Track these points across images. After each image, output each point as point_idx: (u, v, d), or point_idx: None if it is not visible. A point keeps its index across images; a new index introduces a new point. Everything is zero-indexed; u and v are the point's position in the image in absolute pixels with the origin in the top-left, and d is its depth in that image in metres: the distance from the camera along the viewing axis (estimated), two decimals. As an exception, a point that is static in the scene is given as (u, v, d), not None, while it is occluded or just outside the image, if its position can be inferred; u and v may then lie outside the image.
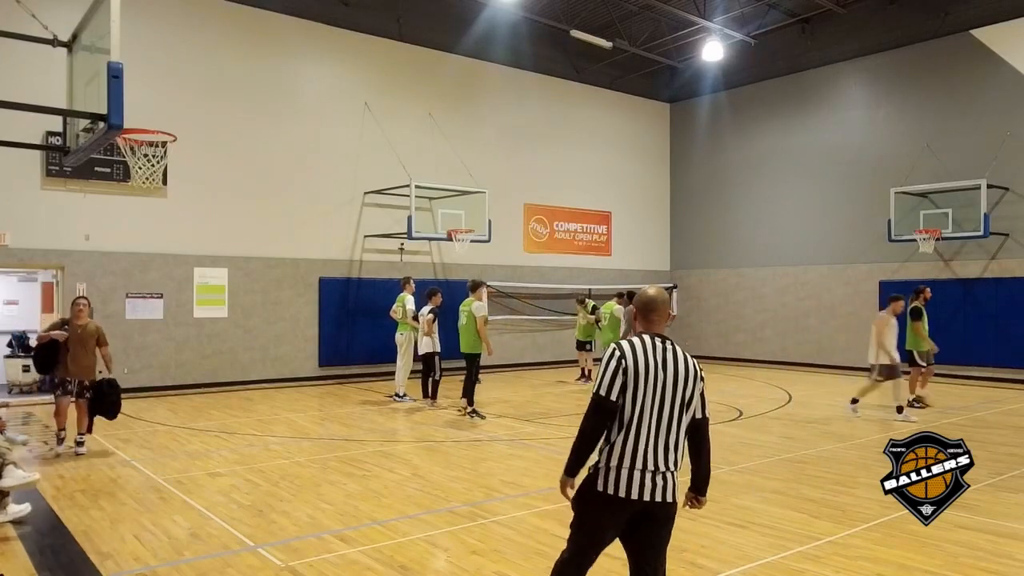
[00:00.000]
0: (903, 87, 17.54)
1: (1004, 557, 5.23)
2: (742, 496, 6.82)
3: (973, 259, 16.30)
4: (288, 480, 7.46)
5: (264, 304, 15.17)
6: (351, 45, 16.50)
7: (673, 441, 3.26)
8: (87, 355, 8.75)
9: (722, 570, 4.97)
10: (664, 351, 3.29)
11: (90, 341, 8.76)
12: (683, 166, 22.32)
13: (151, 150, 10.36)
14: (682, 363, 3.28)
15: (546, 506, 6.48)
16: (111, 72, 5.05)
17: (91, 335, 8.78)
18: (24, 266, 13.40)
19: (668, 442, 3.25)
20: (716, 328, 20.99)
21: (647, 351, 3.26)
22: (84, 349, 8.71)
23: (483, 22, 17.79)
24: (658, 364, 3.23)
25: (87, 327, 8.78)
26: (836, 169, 18.56)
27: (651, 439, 3.22)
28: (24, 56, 11.26)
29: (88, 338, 8.76)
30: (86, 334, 8.75)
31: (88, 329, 8.78)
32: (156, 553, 5.34)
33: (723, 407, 12.33)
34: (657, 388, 3.21)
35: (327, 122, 16.04)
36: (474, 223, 16.18)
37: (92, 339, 8.79)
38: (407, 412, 11.98)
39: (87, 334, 8.76)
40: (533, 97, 19.44)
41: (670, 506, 3.29)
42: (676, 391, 3.24)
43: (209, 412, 11.78)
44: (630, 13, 18.26)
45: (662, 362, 3.24)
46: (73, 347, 8.61)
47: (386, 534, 5.74)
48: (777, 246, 19.70)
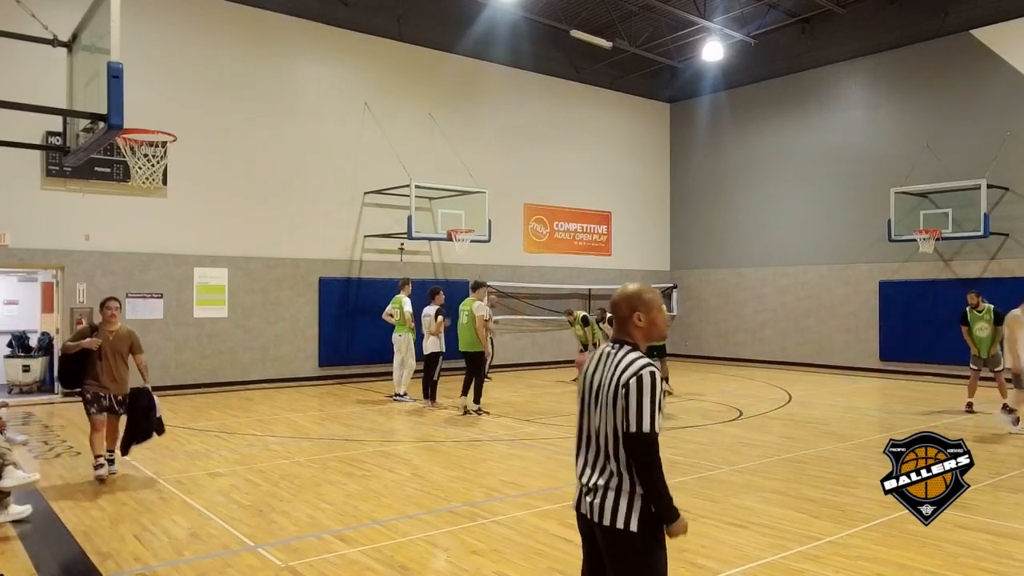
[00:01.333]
0: (903, 87, 17.54)
1: (1004, 557, 5.23)
2: (742, 496, 6.82)
3: (973, 259, 16.30)
4: (288, 480, 7.46)
5: (264, 304, 15.17)
6: (351, 45, 16.50)
7: (592, 457, 2.96)
8: (121, 365, 7.63)
9: (722, 570, 4.97)
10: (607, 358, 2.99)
11: (123, 348, 7.67)
12: (683, 166, 22.33)
13: (151, 150, 10.36)
14: (611, 371, 2.92)
15: (546, 506, 6.48)
16: (111, 72, 5.05)
17: (124, 341, 7.68)
18: (24, 266, 13.40)
19: (588, 457, 2.99)
20: (716, 328, 20.99)
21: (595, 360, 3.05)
22: (118, 358, 7.62)
23: (483, 22, 17.79)
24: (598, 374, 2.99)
25: (120, 332, 7.68)
26: (836, 169, 18.56)
27: (579, 454, 3.04)
28: (24, 56, 11.26)
29: (121, 345, 7.66)
30: (119, 340, 7.66)
31: (121, 335, 7.68)
32: (156, 553, 5.34)
33: (723, 407, 12.33)
34: (589, 401, 2.99)
35: (327, 122, 16.04)
36: (474, 223, 16.18)
37: (126, 345, 7.68)
38: (407, 412, 11.98)
39: (120, 340, 7.67)
40: (533, 97, 19.45)
41: (607, 529, 2.86)
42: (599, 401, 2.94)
43: (209, 412, 11.78)
44: (630, 13, 18.26)
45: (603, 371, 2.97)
46: (105, 357, 7.49)
47: (386, 534, 5.74)
48: (777, 246, 19.71)
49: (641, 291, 3.07)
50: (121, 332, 7.68)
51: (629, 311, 3.03)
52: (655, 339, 3.11)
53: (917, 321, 16.81)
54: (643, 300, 3.04)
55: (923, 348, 16.67)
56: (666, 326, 3.27)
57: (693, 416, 11.52)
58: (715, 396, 13.72)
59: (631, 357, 2.90)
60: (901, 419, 11.29)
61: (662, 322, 3.11)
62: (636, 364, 2.86)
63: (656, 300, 3.09)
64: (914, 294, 17.01)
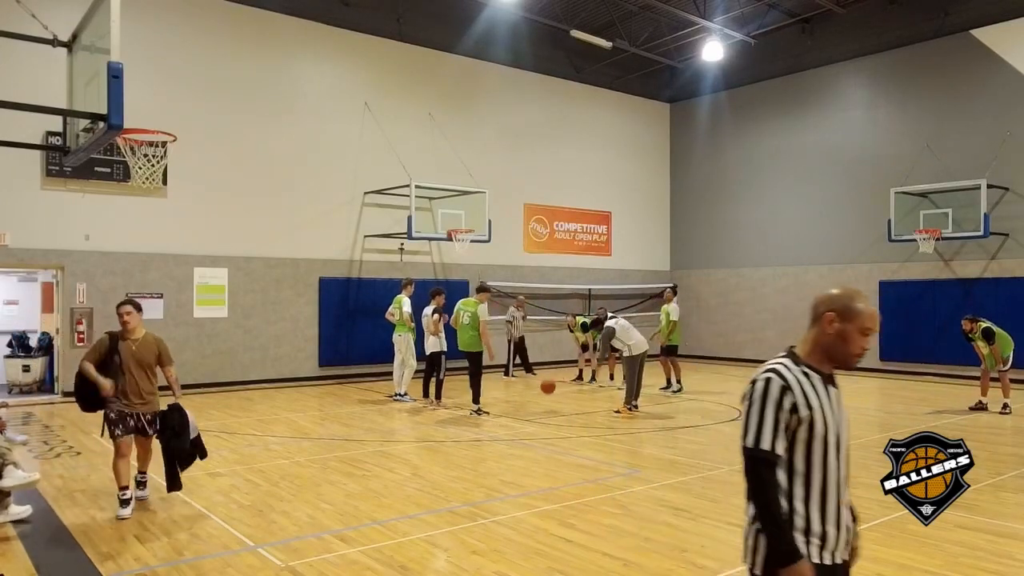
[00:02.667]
0: (903, 87, 17.54)
1: (1004, 557, 5.22)
2: (742, 496, 6.80)
3: (973, 259, 16.30)
4: (288, 480, 7.46)
5: (264, 304, 15.16)
6: (351, 45, 16.50)
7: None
8: (147, 379, 6.43)
9: (722, 570, 4.97)
10: None
11: (149, 359, 6.44)
12: (683, 166, 22.32)
13: (151, 150, 10.36)
14: None
15: (546, 506, 6.47)
16: (111, 72, 5.05)
17: (150, 351, 6.45)
18: (24, 266, 13.40)
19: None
20: (716, 328, 20.98)
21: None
22: (143, 371, 6.40)
23: (483, 22, 17.79)
24: None
25: (144, 341, 6.46)
26: (836, 169, 18.56)
27: None
28: (24, 56, 11.27)
29: (146, 355, 6.42)
30: (144, 350, 6.42)
31: (146, 344, 6.46)
32: (156, 553, 5.34)
33: (723, 407, 12.33)
34: None
35: (327, 122, 16.04)
36: (474, 223, 16.18)
37: (152, 355, 6.46)
38: (407, 412, 11.98)
39: (145, 350, 6.42)
40: (533, 97, 19.44)
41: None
42: None
43: (209, 412, 11.78)
44: (630, 13, 18.26)
45: None
46: (128, 370, 6.33)
47: (386, 534, 5.74)
48: (777, 246, 19.70)
49: (854, 295, 2.52)
50: (146, 341, 6.47)
51: (824, 309, 2.54)
52: (838, 359, 2.52)
53: (917, 321, 16.81)
54: (849, 306, 2.48)
55: (923, 348, 16.68)
56: (862, 352, 2.53)
57: (693, 416, 11.52)
58: (715, 396, 13.72)
59: (770, 362, 2.52)
60: (901, 419, 11.29)
61: (857, 344, 2.49)
62: (760, 369, 2.51)
63: (865, 314, 2.48)
64: (914, 294, 17.01)
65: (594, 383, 15.62)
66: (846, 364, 2.50)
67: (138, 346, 6.41)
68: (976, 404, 11.89)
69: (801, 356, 2.53)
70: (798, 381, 2.42)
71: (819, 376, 2.49)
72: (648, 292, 21.02)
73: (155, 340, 6.55)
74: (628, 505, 6.53)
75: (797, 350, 2.56)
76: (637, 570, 4.97)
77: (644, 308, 20.63)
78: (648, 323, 18.33)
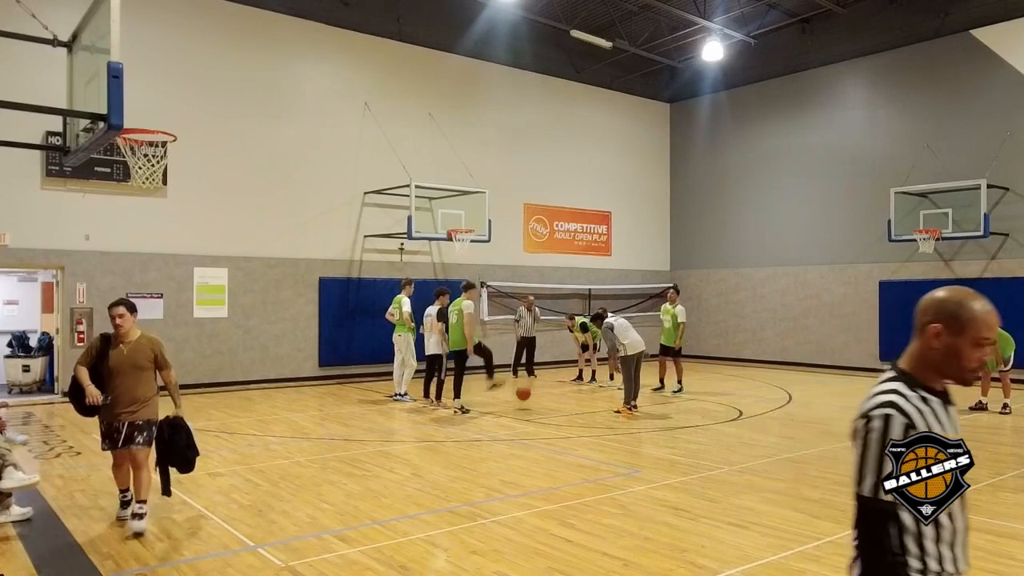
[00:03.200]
0: (903, 87, 17.54)
1: (1004, 557, 5.22)
2: (742, 496, 6.82)
3: (973, 259, 16.30)
4: (288, 480, 7.46)
5: (264, 304, 15.16)
6: (351, 45, 16.50)
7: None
8: (141, 384, 5.87)
9: (722, 570, 4.97)
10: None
11: (143, 362, 5.91)
12: (683, 166, 22.32)
13: (151, 150, 10.36)
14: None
15: (546, 506, 6.47)
16: (111, 72, 5.05)
17: (143, 353, 5.91)
18: (24, 266, 13.40)
19: None
20: (716, 328, 20.98)
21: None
22: (137, 375, 5.86)
23: (483, 22, 17.79)
24: None
25: (138, 343, 5.93)
26: (836, 169, 18.56)
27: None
28: (24, 56, 11.26)
29: (139, 358, 5.89)
30: (137, 353, 5.89)
31: (139, 346, 5.91)
32: (156, 553, 5.34)
33: (723, 407, 12.33)
34: None
35: (327, 122, 16.04)
36: (474, 223, 16.18)
37: (146, 358, 5.92)
38: (407, 412, 11.98)
39: (138, 352, 5.90)
40: (533, 97, 19.44)
41: None
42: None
43: (209, 412, 11.78)
44: (630, 13, 18.26)
45: None
46: (119, 374, 5.82)
47: (386, 534, 5.74)
48: (777, 246, 19.70)
49: (962, 300, 2.12)
50: (140, 343, 5.93)
51: (927, 320, 2.14)
52: (952, 376, 2.14)
53: (917, 321, 16.79)
54: (957, 316, 2.09)
55: (923, 348, 16.64)
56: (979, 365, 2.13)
57: (693, 416, 11.52)
58: (715, 396, 13.72)
59: (881, 387, 2.15)
60: (901, 419, 11.29)
61: (972, 358, 2.09)
62: (875, 398, 2.13)
63: (979, 322, 2.09)
64: (914, 294, 16.51)
65: (594, 383, 15.62)
66: (962, 381, 2.14)
67: (130, 349, 5.86)
68: (976, 404, 11.89)
69: (912, 374, 2.14)
70: (919, 412, 2.07)
71: (937, 399, 2.12)
72: (648, 292, 21.02)
73: (150, 341, 6.01)
74: (628, 505, 6.54)
75: (903, 364, 2.17)
76: (637, 570, 4.97)
77: (644, 308, 20.63)
78: (648, 323, 18.32)
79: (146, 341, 5.99)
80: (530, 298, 16.63)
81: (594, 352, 15.83)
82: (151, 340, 6.03)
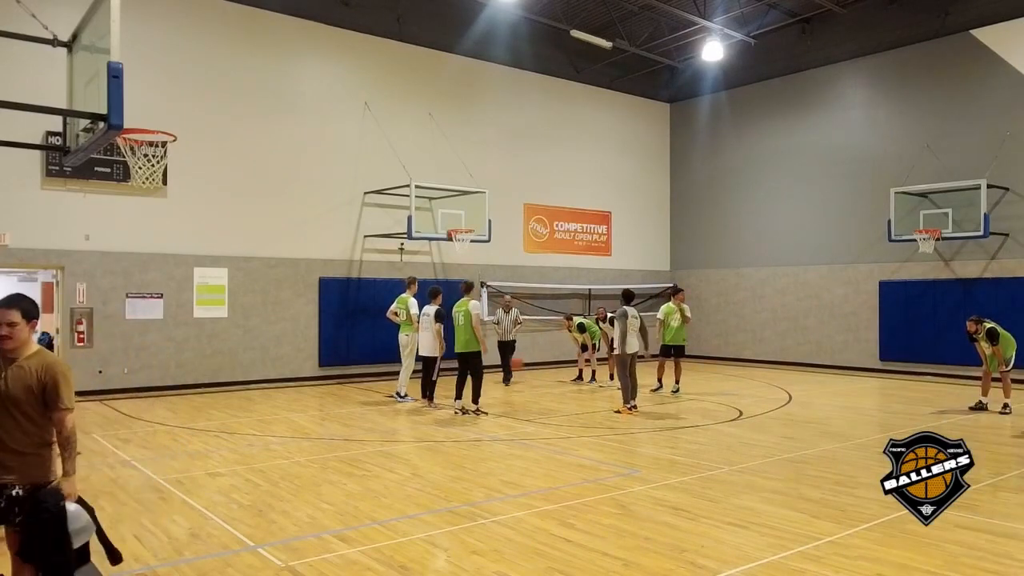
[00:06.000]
0: (903, 87, 17.54)
1: (1004, 557, 5.22)
2: (742, 496, 6.82)
3: (973, 259, 16.30)
4: (288, 480, 7.46)
5: (264, 304, 15.17)
6: (351, 45, 16.50)
7: None
8: (20, 429, 3.72)
9: (722, 570, 4.97)
10: None
11: (21, 394, 3.71)
12: (683, 166, 22.33)
13: (151, 150, 10.36)
14: None
15: (546, 506, 6.48)
16: (111, 72, 5.05)
17: (24, 384, 3.73)
18: (24, 266, 13.40)
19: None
20: (716, 328, 20.99)
21: None
22: (12, 416, 3.70)
23: (483, 22, 17.79)
24: None
25: (22, 368, 3.75)
26: (836, 169, 18.56)
27: None
28: (24, 56, 11.25)
29: (17, 388, 3.71)
30: (15, 383, 3.73)
31: (23, 371, 3.75)
32: (156, 553, 5.34)
33: (723, 407, 12.33)
34: None
35: (327, 122, 16.04)
36: (474, 223, 16.18)
37: (29, 392, 3.72)
38: (407, 412, 11.98)
39: (17, 383, 3.73)
40: (533, 97, 19.44)
41: None
42: None
43: (209, 412, 11.78)
44: (630, 13, 18.26)
45: None
46: None
47: (386, 534, 5.74)
48: (777, 246, 19.71)
49: None
50: (26, 368, 3.75)
51: None
52: None
53: (917, 321, 16.82)
54: None
55: (923, 348, 16.68)
56: None
57: (693, 416, 11.52)
58: (716, 396, 13.72)
59: None
60: (901, 419, 11.30)
61: None
62: None
63: None
64: (914, 294, 17.01)
65: (594, 383, 15.61)
66: None
67: (11, 374, 3.72)
68: (976, 404, 11.89)
69: None
70: None
71: None
72: (648, 292, 21.01)
73: (43, 366, 3.78)
74: (628, 505, 6.54)
75: None
76: (637, 570, 4.97)
77: (644, 308, 20.61)
78: (648, 323, 18.27)
79: (38, 365, 3.77)
80: (507, 298, 16.27)
81: (593, 352, 15.82)
82: (46, 365, 3.79)
